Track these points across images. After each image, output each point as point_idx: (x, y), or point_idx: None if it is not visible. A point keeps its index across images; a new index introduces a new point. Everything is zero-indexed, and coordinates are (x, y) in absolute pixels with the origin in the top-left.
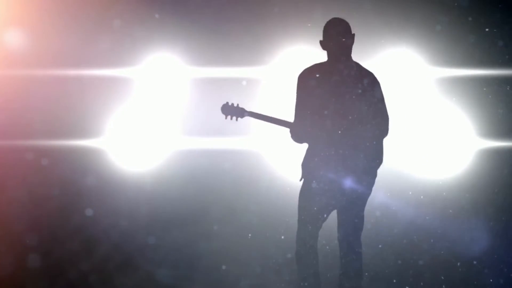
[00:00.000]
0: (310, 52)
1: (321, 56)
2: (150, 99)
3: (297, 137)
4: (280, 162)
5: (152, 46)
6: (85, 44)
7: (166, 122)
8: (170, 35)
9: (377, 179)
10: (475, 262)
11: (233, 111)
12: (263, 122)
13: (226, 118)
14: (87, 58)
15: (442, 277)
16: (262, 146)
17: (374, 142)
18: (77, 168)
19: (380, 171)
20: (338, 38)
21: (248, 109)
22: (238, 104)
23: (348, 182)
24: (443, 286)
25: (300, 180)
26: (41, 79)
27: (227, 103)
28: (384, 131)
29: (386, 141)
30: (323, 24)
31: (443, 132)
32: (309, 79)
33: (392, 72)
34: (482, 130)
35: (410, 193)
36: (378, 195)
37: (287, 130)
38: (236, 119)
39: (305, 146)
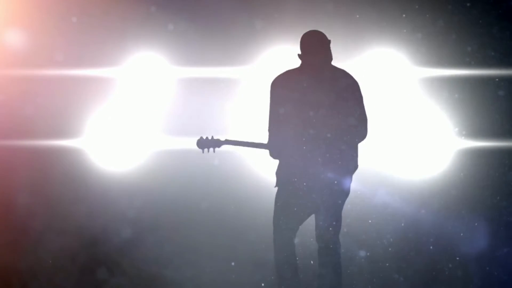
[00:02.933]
0: (293, 53)
1: None
2: (133, 99)
3: (275, 154)
4: (263, 161)
5: (136, 45)
6: (68, 43)
7: (149, 122)
8: (154, 34)
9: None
10: (457, 258)
11: (209, 143)
12: (243, 108)
13: (203, 152)
14: (70, 57)
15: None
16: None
17: (351, 146)
18: (57, 168)
19: (366, 169)
20: (315, 50)
21: (223, 138)
22: (212, 136)
23: (325, 186)
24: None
25: (275, 187)
26: (22, 79)
27: (201, 137)
28: (363, 134)
29: (368, 141)
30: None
31: (424, 132)
32: (281, 87)
33: (375, 72)
34: (462, 130)
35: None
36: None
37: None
38: (214, 151)
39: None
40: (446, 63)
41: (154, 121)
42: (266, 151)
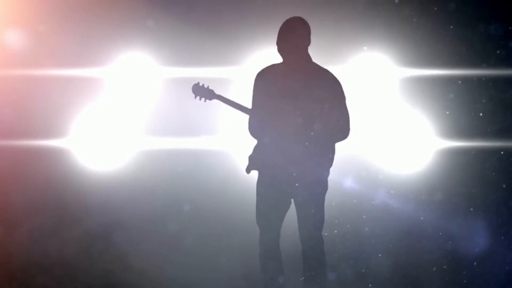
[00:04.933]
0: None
1: None
2: (121, 99)
3: (253, 129)
4: (245, 161)
5: (123, 45)
6: (55, 43)
7: (136, 122)
8: (142, 34)
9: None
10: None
11: (203, 92)
12: (230, 108)
13: (195, 97)
14: (57, 57)
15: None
16: (230, 146)
17: (331, 141)
18: (42, 168)
19: (359, 170)
20: (284, 37)
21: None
22: (208, 86)
23: (301, 179)
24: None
25: (247, 171)
26: (7, 79)
27: (198, 83)
28: (345, 131)
29: (354, 142)
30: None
31: (404, 132)
32: (263, 79)
33: (362, 76)
34: (441, 130)
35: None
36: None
37: (247, 123)
38: (205, 100)
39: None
40: (431, 64)
41: (142, 122)
42: (246, 128)
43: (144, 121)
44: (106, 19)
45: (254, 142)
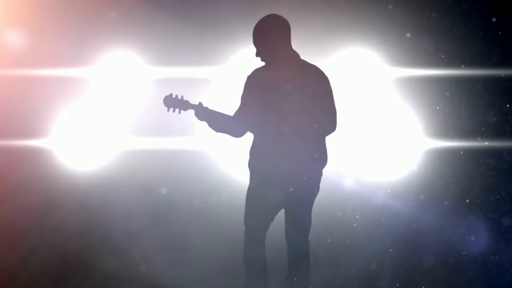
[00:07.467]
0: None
1: None
2: (105, 99)
3: (216, 127)
4: (229, 162)
5: (108, 44)
6: (39, 42)
7: (119, 122)
8: (128, 33)
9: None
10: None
11: (176, 103)
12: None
13: (168, 110)
14: (42, 57)
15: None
16: (211, 146)
17: (320, 140)
18: (23, 168)
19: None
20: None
21: (192, 102)
22: (182, 97)
23: (293, 181)
24: None
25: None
26: None
27: (171, 94)
28: (331, 125)
29: (337, 142)
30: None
31: (393, 132)
32: (251, 81)
33: (349, 72)
34: (431, 130)
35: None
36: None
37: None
38: (179, 112)
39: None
40: (420, 63)
41: (127, 121)
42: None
43: (129, 121)
44: (91, 19)
45: (241, 142)
